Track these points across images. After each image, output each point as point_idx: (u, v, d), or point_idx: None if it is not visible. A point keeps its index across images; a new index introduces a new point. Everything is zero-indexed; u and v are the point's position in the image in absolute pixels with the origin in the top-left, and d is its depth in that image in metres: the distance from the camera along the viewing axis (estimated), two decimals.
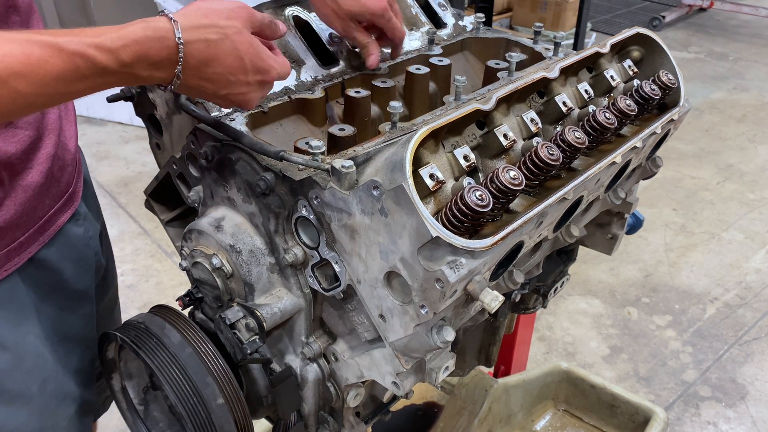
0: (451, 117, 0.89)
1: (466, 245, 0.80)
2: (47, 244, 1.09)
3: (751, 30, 6.94)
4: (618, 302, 3.14)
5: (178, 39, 0.84)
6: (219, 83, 0.91)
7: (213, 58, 0.88)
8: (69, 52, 0.76)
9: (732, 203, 3.94)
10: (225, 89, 0.92)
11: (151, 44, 0.82)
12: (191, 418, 1.00)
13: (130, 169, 4.14)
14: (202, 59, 0.87)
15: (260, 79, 0.94)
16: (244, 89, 0.93)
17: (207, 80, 0.90)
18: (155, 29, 0.83)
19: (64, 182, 1.12)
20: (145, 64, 0.83)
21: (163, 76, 0.86)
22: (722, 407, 2.60)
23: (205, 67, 0.88)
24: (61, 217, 1.12)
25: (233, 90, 0.93)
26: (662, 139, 1.25)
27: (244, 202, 1.06)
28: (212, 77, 0.90)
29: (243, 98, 0.95)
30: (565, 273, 1.53)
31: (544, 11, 5.54)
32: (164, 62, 0.84)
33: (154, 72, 0.85)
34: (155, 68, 0.84)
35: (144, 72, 0.84)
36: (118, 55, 0.80)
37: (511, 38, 1.43)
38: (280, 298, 1.07)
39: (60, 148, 1.09)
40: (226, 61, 0.89)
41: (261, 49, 0.93)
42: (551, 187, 0.96)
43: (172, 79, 0.87)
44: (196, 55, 0.86)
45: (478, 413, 2.05)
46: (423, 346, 0.94)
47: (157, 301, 2.99)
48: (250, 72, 0.92)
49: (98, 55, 0.78)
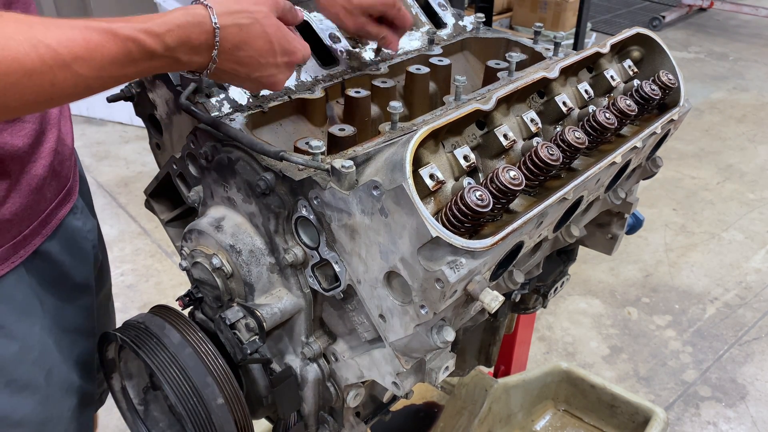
0: (451, 117, 0.89)
1: (466, 245, 0.80)
2: (49, 237, 1.11)
3: (751, 30, 6.94)
4: (618, 302, 3.14)
5: (215, 24, 0.88)
6: (251, 66, 0.95)
7: (245, 41, 0.92)
8: (123, 37, 0.81)
9: (732, 203, 3.94)
10: (257, 72, 0.96)
11: (192, 29, 0.87)
12: (191, 418, 1.00)
13: (130, 169, 4.14)
14: (236, 43, 0.92)
15: (287, 61, 0.99)
16: (273, 71, 0.98)
17: (240, 64, 0.94)
18: (194, 15, 0.88)
19: (63, 176, 1.15)
20: (186, 49, 0.88)
21: (201, 60, 0.91)
22: (722, 407, 2.60)
23: (238, 51, 0.92)
24: (61, 210, 1.14)
25: (264, 72, 0.97)
26: (662, 139, 1.25)
27: (244, 202, 1.06)
28: (245, 60, 0.94)
29: (273, 80, 1.00)
30: (565, 273, 1.53)
31: (544, 11, 5.54)
32: (203, 46, 0.89)
33: (193, 56, 0.89)
34: (195, 53, 0.89)
35: (185, 56, 0.88)
36: (164, 39, 0.85)
37: (511, 38, 1.43)
38: (280, 298, 1.07)
39: (60, 143, 1.12)
40: (257, 44, 0.94)
41: (286, 32, 0.98)
42: (551, 187, 0.96)
43: (208, 63, 0.91)
44: (230, 39, 0.91)
45: (478, 413, 2.05)
46: (423, 346, 0.94)
47: (157, 301, 2.99)
48: (279, 54, 0.97)
49: (147, 40, 0.83)
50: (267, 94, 1.15)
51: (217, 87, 1.10)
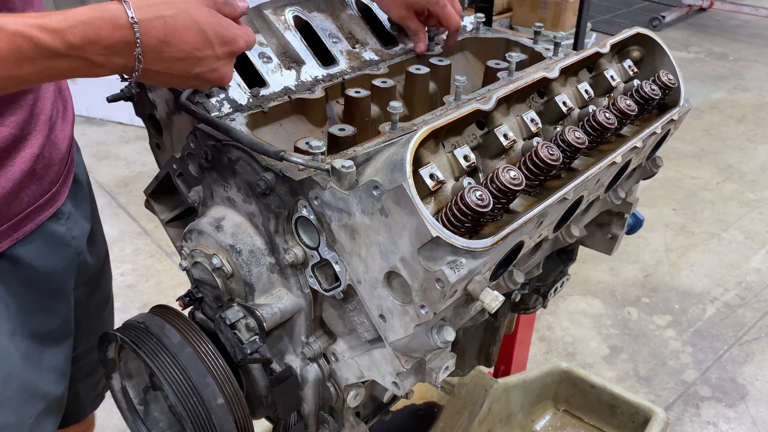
0: (451, 117, 0.89)
1: (466, 245, 0.80)
2: (23, 241, 1.08)
3: (751, 30, 6.94)
4: (618, 302, 3.14)
5: (131, 18, 0.80)
6: (187, 62, 0.86)
7: (172, 34, 0.83)
8: (10, 33, 0.74)
9: (732, 203, 3.94)
10: (196, 67, 0.88)
11: (102, 25, 0.79)
12: (191, 418, 1.00)
13: (130, 169, 4.14)
14: (161, 38, 0.82)
15: (228, 51, 0.90)
16: (214, 64, 0.89)
17: (173, 61, 0.85)
18: (104, 10, 0.79)
19: (47, 181, 1.11)
20: (98, 48, 0.79)
21: (122, 61, 0.82)
22: (722, 407, 2.60)
23: (167, 47, 0.84)
24: (40, 215, 1.11)
25: (204, 67, 0.89)
26: (662, 139, 1.25)
27: (244, 202, 1.06)
28: (177, 56, 0.85)
29: (216, 75, 0.91)
30: (565, 273, 1.53)
31: (544, 11, 5.54)
32: (119, 45, 0.80)
33: (111, 58, 0.81)
34: (111, 53, 0.80)
35: (99, 57, 0.80)
36: (64, 36, 0.76)
37: (511, 38, 1.43)
38: (280, 298, 1.07)
39: (48, 148, 1.08)
40: (188, 37, 0.84)
41: (221, 19, 0.89)
42: (551, 187, 0.96)
43: (134, 64, 0.83)
44: (154, 34, 0.82)
45: (478, 413, 2.05)
46: (423, 346, 0.94)
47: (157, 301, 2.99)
48: (217, 44, 0.88)
49: (42, 36, 0.75)
50: (267, 93, 1.14)
51: (217, 87, 1.10)
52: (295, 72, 1.20)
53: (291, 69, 1.20)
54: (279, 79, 1.17)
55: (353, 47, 1.30)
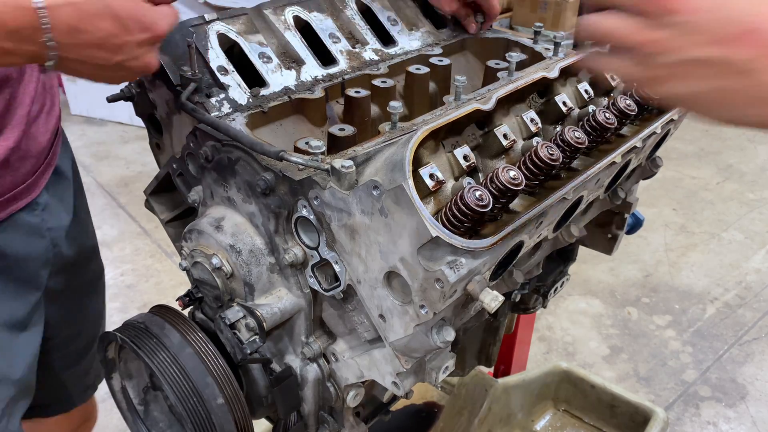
0: (451, 117, 0.89)
1: (466, 245, 0.80)
2: None
3: None
4: (618, 302, 3.14)
5: (35, 3, 0.77)
6: (106, 50, 0.84)
7: (85, 20, 0.80)
8: None
9: (732, 203, 3.94)
10: (117, 55, 0.85)
11: (4, 9, 0.76)
12: (191, 418, 1.00)
13: (130, 169, 4.14)
14: (74, 24, 0.80)
15: (149, 37, 0.87)
16: (136, 51, 0.86)
17: (90, 48, 0.83)
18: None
19: (22, 173, 1.13)
20: (2, 32, 0.77)
21: (33, 48, 0.80)
22: (722, 407, 2.60)
23: (81, 34, 0.81)
24: (13, 205, 1.13)
25: (126, 55, 0.86)
26: (662, 139, 1.25)
27: (244, 202, 1.06)
28: (94, 44, 0.82)
29: (139, 63, 0.88)
30: (565, 273, 1.53)
31: (544, 11, 5.54)
32: (26, 31, 0.78)
33: (20, 44, 0.79)
34: (18, 39, 0.78)
35: (5, 43, 0.78)
36: None
37: (511, 38, 1.43)
38: (280, 298, 1.07)
39: (25, 141, 1.10)
40: (102, 24, 0.82)
41: (138, 4, 0.86)
42: (551, 187, 0.96)
43: (46, 52, 0.80)
44: (65, 20, 0.79)
45: (478, 413, 2.05)
46: (423, 346, 0.94)
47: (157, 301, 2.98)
48: (135, 30, 0.85)
49: None
50: (267, 93, 1.15)
51: (217, 87, 1.10)
52: (295, 72, 1.20)
53: (291, 69, 1.20)
54: (279, 79, 1.17)
55: (353, 47, 1.30)
